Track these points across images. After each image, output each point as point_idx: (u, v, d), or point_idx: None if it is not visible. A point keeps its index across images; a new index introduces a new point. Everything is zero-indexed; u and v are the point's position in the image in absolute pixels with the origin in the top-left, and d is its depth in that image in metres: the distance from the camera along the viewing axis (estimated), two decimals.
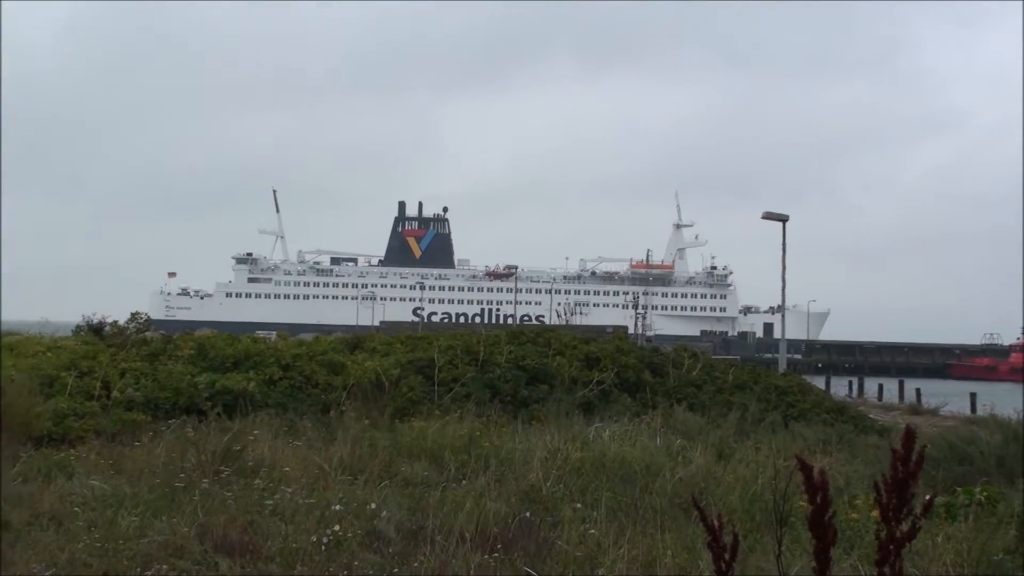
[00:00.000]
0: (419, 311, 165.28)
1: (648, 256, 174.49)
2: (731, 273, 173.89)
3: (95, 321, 25.71)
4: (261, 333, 42.61)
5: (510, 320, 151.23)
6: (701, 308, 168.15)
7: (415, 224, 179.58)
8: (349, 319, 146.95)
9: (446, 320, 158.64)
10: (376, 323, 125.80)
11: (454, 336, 24.10)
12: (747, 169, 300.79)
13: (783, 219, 42.01)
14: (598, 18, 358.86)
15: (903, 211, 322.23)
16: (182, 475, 11.99)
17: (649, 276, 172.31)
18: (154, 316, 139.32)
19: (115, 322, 25.34)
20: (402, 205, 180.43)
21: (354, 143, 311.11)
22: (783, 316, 47.38)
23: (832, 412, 23.22)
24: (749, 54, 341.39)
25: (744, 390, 22.97)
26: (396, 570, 8.74)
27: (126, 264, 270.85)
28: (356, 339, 26.29)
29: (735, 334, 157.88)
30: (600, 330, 54.80)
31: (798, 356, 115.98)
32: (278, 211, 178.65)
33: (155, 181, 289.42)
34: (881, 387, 63.29)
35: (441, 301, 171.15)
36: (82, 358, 18.94)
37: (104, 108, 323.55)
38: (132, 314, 24.76)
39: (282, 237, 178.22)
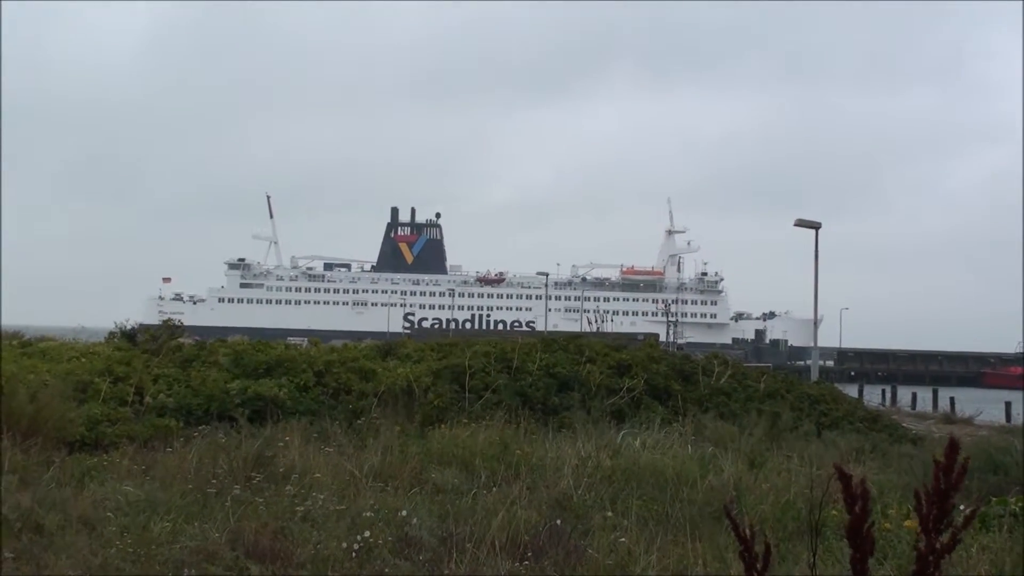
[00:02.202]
0: (410, 316, 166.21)
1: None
2: (722, 279, 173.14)
3: (129, 327, 25.90)
4: (293, 340, 42.71)
5: (500, 326, 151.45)
6: (692, 314, 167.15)
7: (407, 230, 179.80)
8: (341, 325, 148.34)
9: (436, 326, 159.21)
10: (368, 329, 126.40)
11: (488, 343, 24.09)
12: (798, 178, 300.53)
13: (815, 226, 41.81)
14: (660, 27, 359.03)
15: (950, 219, 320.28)
16: (214, 481, 12.04)
17: (640, 282, 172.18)
18: (147, 321, 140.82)
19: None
20: (395, 211, 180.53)
21: (404, 151, 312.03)
22: (815, 325, 46.92)
23: (865, 421, 23.06)
24: (808, 63, 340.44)
25: (776, 398, 22.83)
26: None
27: (166, 268, 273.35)
28: (388, 346, 26.35)
29: (767, 342, 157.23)
30: (631, 337, 54.68)
31: (830, 364, 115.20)
32: (271, 217, 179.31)
33: (213, 187, 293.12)
34: (915, 396, 62.70)
35: (432, 307, 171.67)
36: (116, 364, 19.06)
37: (155, 117, 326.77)
38: (164, 321, 24.89)
39: (275, 242, 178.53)
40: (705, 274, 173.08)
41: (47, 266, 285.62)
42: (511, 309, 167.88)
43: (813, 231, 41.91)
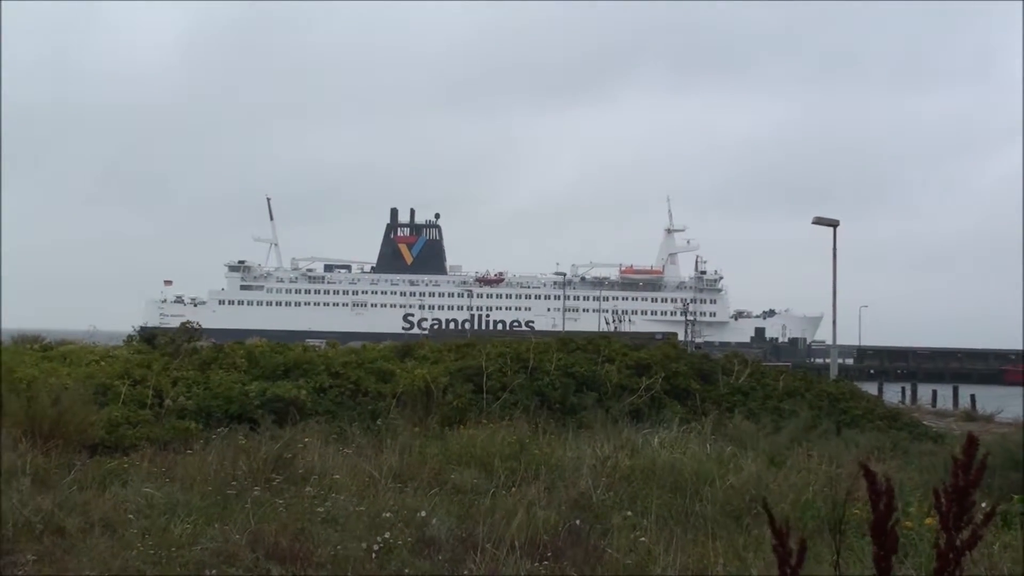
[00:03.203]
0: (409, 317, 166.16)
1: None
2: (722, 278, 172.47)
3: (138, 330, 26.00)
4: (311, 341, 42.78)
5: (500, 326, 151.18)
6: (691, 313, 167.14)
7: (407, 231, 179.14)
8: (340, 326, 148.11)
9: (436, 327, 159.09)
10: (367, 330, 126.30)
11: (504, 344, 24.08)
12: (823, 177, 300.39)
13: (833, 224, 41.68)
14: (689, 29, 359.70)
15: (973, 218, 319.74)
16: (234, 483, 12.08)
17: (639, 281, 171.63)
18: (149, 323, 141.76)
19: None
20: (394, 212, 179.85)
21: (428, 155, 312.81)
22: (834, 323, 46.68)
23: (885, 419, 22.93)
24: (837, 63, 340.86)
25: (795, 397, 22.75)
26: None
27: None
28: (406, 347, 26.36)
29: (785, 340, 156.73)
30: (649, 337, 54.55)
31: (850, 362, 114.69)
32: (272, 219, 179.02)
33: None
34: (935, 393, 62.37)
35: (431, 307, 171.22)
36: (135, 367, 19.13)
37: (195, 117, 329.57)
38: (182, 324, 24.97)
39: (276, 244, 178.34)
40: (704, 272, 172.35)
41: (65, 269, 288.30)
42: (510, 309, 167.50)
43: (831, 229, 41.76)
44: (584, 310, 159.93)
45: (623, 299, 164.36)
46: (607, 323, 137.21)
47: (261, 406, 17.64)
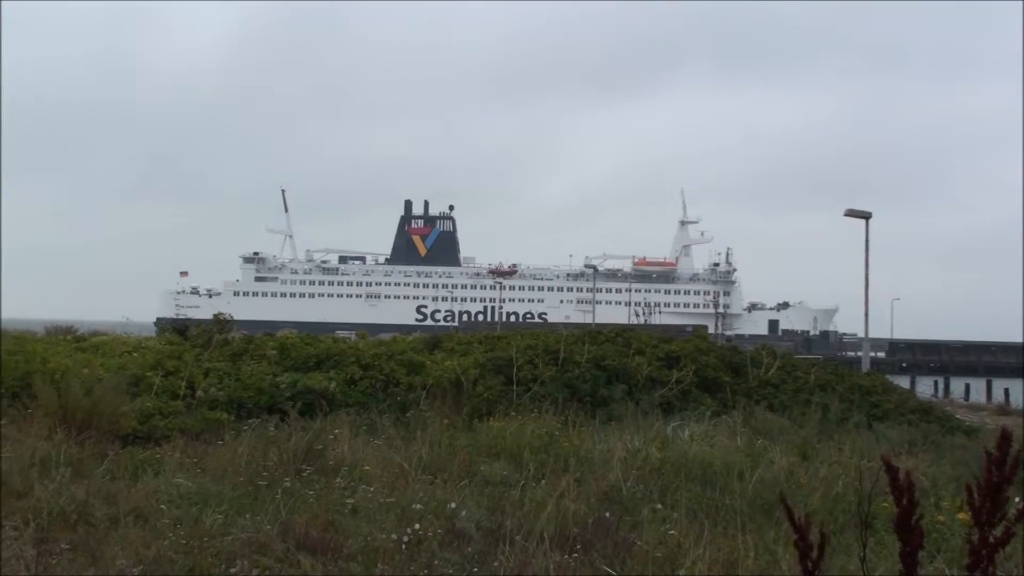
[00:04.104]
0: (423, 309, 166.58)
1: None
2: (735, 270, 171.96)
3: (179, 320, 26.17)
4: (341, 333, 42.95)
5: (513, 318, 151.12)
6: (704, 305, 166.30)
7: (421, 222, 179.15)
8: (354, 317, 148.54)
9: (449, 319, 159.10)
10: (381, 322, 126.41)
11: (534, 336, 24.08)
12: (863, 171, 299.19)
13: (866, 216, 41.36)
14: (734, 25, 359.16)
15: (1012, 213, 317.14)
16: (264, 473, 12.14)
17: (652, 273, 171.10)
18: (164, 314, 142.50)
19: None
20: (408, 204, 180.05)
21: (467, 150, 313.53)
22: (866, 316, 46.25)
23: (917, 412, 22.76)
24: (880, 59, 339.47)
25: (826, 390, 22.62)
26: (476, 569, 8.75)
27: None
28: (435, 339, 26.42)
29: (816, 333, 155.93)
30: (679, 329, 54.43)
31: (882, 355, 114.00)
32: (286, 211, 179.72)
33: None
34: (968, 387, 62.02)
35: (444, 299, 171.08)
36: (167, 358, 19.26)
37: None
38: (215, 315, 25.11)
39: (291, 236, 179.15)
40: (718, 264, 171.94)
41: (102, 264, 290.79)
42: (523, 301, 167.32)
43: (864, 221, 41.46)
44: (598, 302, 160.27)
45: (636, 291, 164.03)
46: (636, 315, 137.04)
47: (292, 397, 17.73)
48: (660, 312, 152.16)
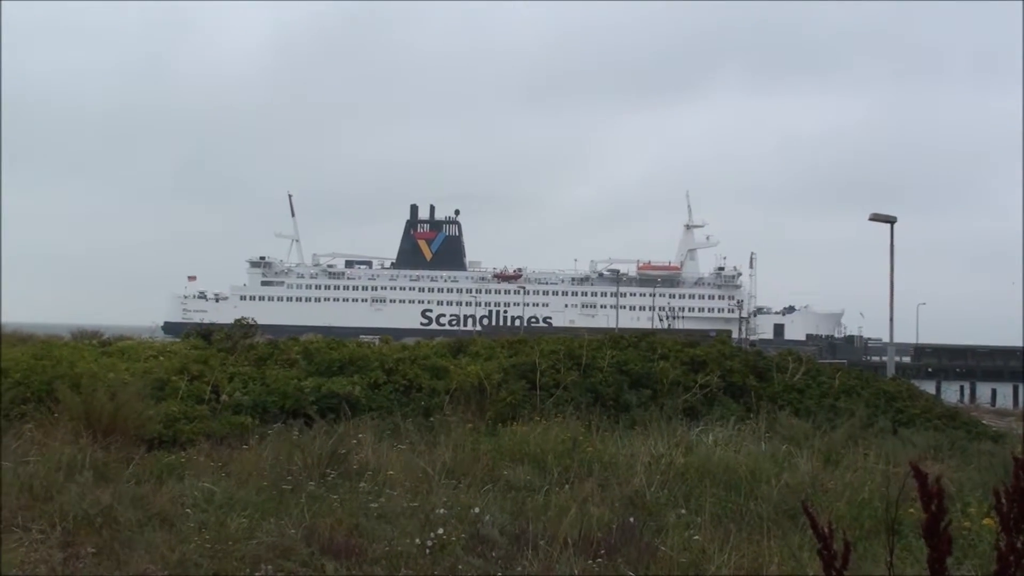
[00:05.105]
0: (428, 313, 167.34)
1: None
2: (740, 274, 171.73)
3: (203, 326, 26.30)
4: (365, 338, 43.03)
5: (517, 322, 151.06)
6: (709, 309, 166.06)
7: (426, 227, 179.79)
8: (359, 322, 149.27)
9: (454, 323, 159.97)
10: (387, 326, 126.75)
11: (556, 341, 24.06)
12: (897, 176, 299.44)
13: (891, 220, 41.13)
14: (769, 29, 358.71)
15: None
16: (289, 478, 12.17)
17: (657, 278, 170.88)
18: (171, 319, 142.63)
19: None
20: (414, 208, 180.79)
21: (499, 154, 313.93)
22: (891, 321, 45.97)
23: (943, 418, 22.60)
24: (916, 63, 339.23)
25: (851, 395, 22.51)
26: (500, 574, 8.75)
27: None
28: (459, 343, 26.43)
29: (841, 338, 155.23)
30: (703, 334, 54.25)
31: (907, 360, 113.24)
32: (293, 215, 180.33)
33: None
34: (994, 392, 61.55)
35: (449, 303, 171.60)
36: (192, 363, 19.34)
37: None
38: (236, 320, 25.22)
39: (297, 240, 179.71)
40: (723, 268, 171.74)
41: (138, 268, 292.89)
42: (528, 305, 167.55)
43: (889, 225, 41.24)
44: (601, 306, 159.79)
45: (640, 295, 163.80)
46: (661, 320, 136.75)
47: (316, 402, 17.77)
48: (683, 317, 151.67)
